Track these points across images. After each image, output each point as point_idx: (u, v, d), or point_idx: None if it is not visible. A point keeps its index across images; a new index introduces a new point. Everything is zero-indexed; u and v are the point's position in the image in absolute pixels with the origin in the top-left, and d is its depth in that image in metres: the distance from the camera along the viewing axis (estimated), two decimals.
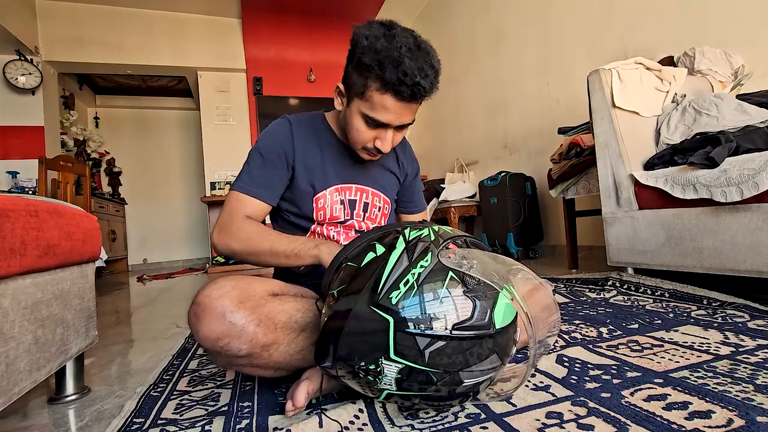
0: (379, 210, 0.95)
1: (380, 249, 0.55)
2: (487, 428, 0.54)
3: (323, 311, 0.57)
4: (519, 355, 0.82)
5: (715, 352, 0.75)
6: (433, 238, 0.55)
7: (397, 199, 1.05)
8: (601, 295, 1.34)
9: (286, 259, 0.75)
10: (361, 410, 0.61)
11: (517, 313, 0.56)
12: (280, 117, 0.90)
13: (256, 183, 0.84)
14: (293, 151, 0.86)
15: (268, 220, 0.95)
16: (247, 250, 0.78)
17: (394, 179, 1.00)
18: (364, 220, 0.92)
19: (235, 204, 0.82)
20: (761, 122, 1.31)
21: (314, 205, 0.88)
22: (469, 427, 0.55)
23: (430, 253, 0.52)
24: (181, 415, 0.68)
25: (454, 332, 0.48)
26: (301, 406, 0.62)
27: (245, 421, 0.63)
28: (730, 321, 0.93)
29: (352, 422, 0.58)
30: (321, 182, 0.88)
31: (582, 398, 0.60)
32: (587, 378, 0.67)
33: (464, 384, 0.52)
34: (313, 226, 0.89)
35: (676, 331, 0.89)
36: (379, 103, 0.73)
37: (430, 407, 0.60)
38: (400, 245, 0.53)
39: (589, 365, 0.73)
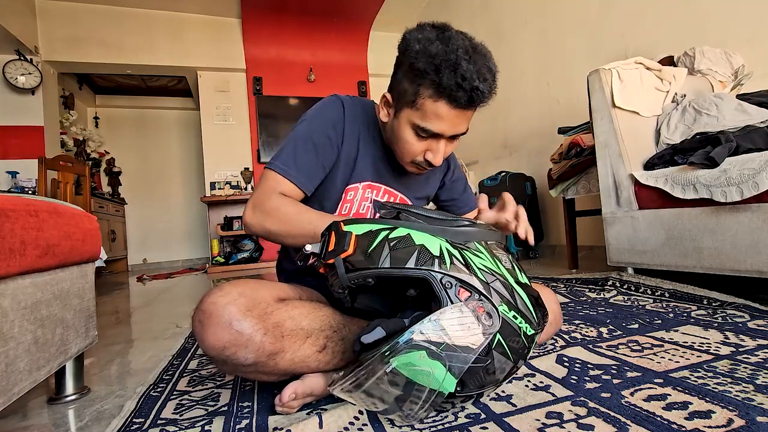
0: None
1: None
2: (487, 428, 0.54)
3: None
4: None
5: (715, 352, 0.75)
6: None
7: (442, 203, 1.01)
8: (601, 295, 1.34)
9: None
10: (361, 412, 0.61)
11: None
12: (332, 95, 0.85)
13: (298, 167, 0.77)
14: (343, 133, 0.81)
15: None
16: (286, 232, 0.73)
17: (427, 193, 0.95)
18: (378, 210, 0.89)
19: (271, 183, 0.77)
20: (761, 122, 1.31)
21: (344, 196, 0.84)
22: (469, 428, 0.55)
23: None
24: (181, 415, 0.68)
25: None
26: (286, 402, 0.61)
27: (245, 421, 0.63)
28: (730, 321, 0.93)
29: (352, 423, 0.58)
30: (357, 174, 0.83)
31: (582, 398, 0.60)
32: (587, 378, 0.67)
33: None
34: None
35: (676, 331, 0.89)
36: (432, 111, 0.68)
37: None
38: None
39: (589, 365, 0.73)
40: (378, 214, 0.60)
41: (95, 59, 4.25)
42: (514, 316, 0.52)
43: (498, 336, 0.50)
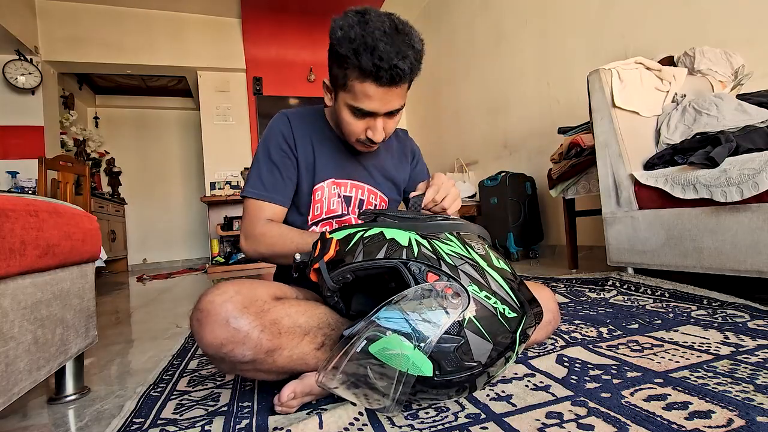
0: (375, 208, 0.95)
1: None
2: (487, 428, 0.54)
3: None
4: (519, 355, 0.82)
5: (715, 352, 0.75)
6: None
7: (405, 195, 1.05)
8: (601, 295, 1.34)
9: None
10: (361, 413, 0.61)
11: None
12: (277, 113, 0.91)
13: (269, 189, 0.85)
14: (294, 143, 0.88)
15: None
16: (275, 253, 0.82)
17: (392, 175, 0.99)
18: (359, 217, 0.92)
19: (254, 211, 0.85)
20: (761, 122, 1.31)
21: (312, 197, 0.89)
22: (469, 428, 0.55)
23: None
24: (180, 415, 0.68)
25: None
26: (284, 401, 0.62)
27: (245, 421, 0.63)
28: (730, 321, 0.93)
29: (352, 423, 0.58)
30: (319, 175, 0.89)
31: (582, 398, 0.60)
32: (587, 378, 0.67)
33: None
34: (307, 228, 0.90)
35: (676, 331, 0.89)
36: (361, 92, 0.72)
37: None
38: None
39: (589, 365, 0.73)
40: (360, 220, 0.66)
41: (95, 59, 4.26)
42: (486, 296, 0.53)
43: (470, 315, 0.50)
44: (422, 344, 0.48)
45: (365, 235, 0.58)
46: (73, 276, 0.82)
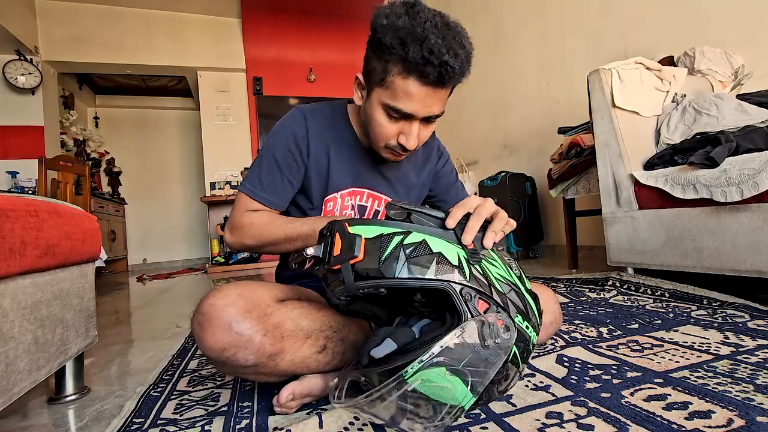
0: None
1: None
2: (487, 428, 0.54)
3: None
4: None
5: (715, 352, 0.75)
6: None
7: (432, 201, 0.98)
8: (601, 295, 1.34)
9: (304, 241, 0.72)
10: None
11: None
12: (294, 109, 0.83)
13: (265, 188, 0.79)
14: (308, 147, 0.80)
15: None
16: (262, 242, 0.76)
17: (414, 183, 0.91)
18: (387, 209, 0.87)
19: (243, 204, 0.80)
20: (761, 122, 1.31)
21: (323, 207, 0.83)
22: (469, 428, 0.55)
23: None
24: (180, 415, 0.68)
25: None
26: (283, 402, 0.61)
27: (245, 421, 0.63)
28: (730, 321, 0.93)
29: (352, 423, 0.58)
30: (333, 184, 0.82)
31: (582, 398, 0.60)
32: (587, 378, 0.67)
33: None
34: None
35: (676, 331, 0.89)
36: (402, 89, 0.65)
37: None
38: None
39: (589, 365, 0.73)
40: (387, 215, 0.55)
41: (95, 59, 4.26)
42: (526, 327, 0.51)
43: (514, 348, 0.48)
44: (476, 382, 0.45)
45: (406, 242, 0.49)
46: (73, 276, 0.82)
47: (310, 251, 0.53)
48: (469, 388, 0.45)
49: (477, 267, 0.50)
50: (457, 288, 0.47)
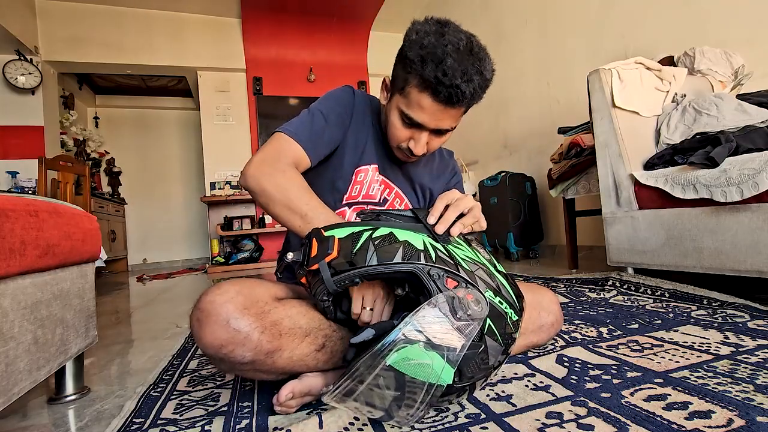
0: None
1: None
2: (487, 428, 0.54)
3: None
4: (520, 356, 0.82)
5: (715, 352, 0.75)
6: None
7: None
8: (601, 295, 1.34)
9: (296, 217, 0.68)
10: None
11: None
12: (345, 86, 0.88)
13: (309, 135, 0.78)
14: (351, 116, 0.85)
15: None
16: (280, 200, 0.70)
17: (426, 188, 0.95)
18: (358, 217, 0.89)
19: (284, 144, 0.76)
20: (761, 122, 1.31)
21: (354, 177, 0.85)
22: (469, 428, 0.55)
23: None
24: (180, 415, 0.68)
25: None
26: (283, 401, 0.61)
27: (245, 421, 0.63)
28: (730, 321, 0.93)
29: (352, 423, 0.58)
30: (366, 157, 0.86)
31: (582, 398, 0.60)
32: (587, 378, 0.67)
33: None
34: (340, 210, 0.85)
35: (676, 331, 0.89)
36: (416, 101, 0.70)
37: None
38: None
39: (589, 365, 0.73)
40: (358, 219, 0.62)
41: (95, 59, 4.25)
42: (500, 302, 0.53)
43: (488, 321, 0.51)
44: (452, 354, 0.47)
45: (375, 236, 0.54)
46: (73, 276, 0.82)
47: (290, 256, 0.58)
48: (446, 360, 0.47)
49: (442, 249, 0.53)
50: (424, 268, 0.51)
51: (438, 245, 0.55)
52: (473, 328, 0.48)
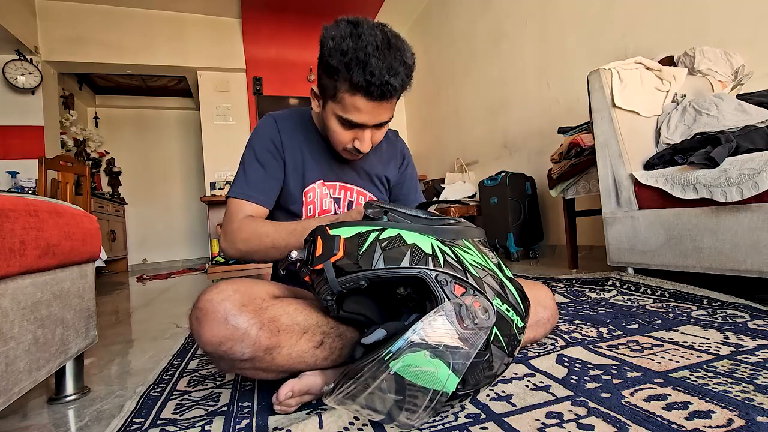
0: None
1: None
2: (487, 428, 0.54)
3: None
4: (519, 355, 0.82)
5: (715, 352, 0.75)
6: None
7: (392, 197, 1.05)
8: (601, 295, 1.34)
9: (285, 250, 0.75)
10: None
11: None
12: (264, 116, 0.92)
13: (252, 187, 0.85)
14: (281, 144, 0.88)
15: None
16: (252, 249, 0.79)
17: (381, 176, 0.99)
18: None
19: (234, 208, 0.84)
20: (761, 122, 1.31)
21: (303, 199, 0.89)
22: (469, 428, 0.55)
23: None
24: (180, 415, 0.68)
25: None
26: (282, 400, 0.62)
27: (245, 421, 0.63)
28: (730, 321, 0.93)
29: (352, 423, 0.58)
30: (310, 176, 0.89)
31: (582, 398, 0.60)
32: (587, 378, 0.67)
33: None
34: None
35: (676, 331, 0.89)
36: (351, 104, 0.73)
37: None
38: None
39: (589, 365, 0.73)
40: (365, 213, 0.61)
41: (95, 59, 4.25)
42: (506, 309, 0.53)
43: (494, 329, 0.50)
44: (458, 363, 0.46)
45: (382, 237, 0.53)
46: (73, 276, 0.82)
47: (294, 254, 0.58)
48: (451, 369, 0.46)
49: (451, 254, 0.52)
50: (431, 274, 0.50)
51: (446, 249, 0.53)
52: (479, 336, 0.47)
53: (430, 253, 0.52)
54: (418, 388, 0.47)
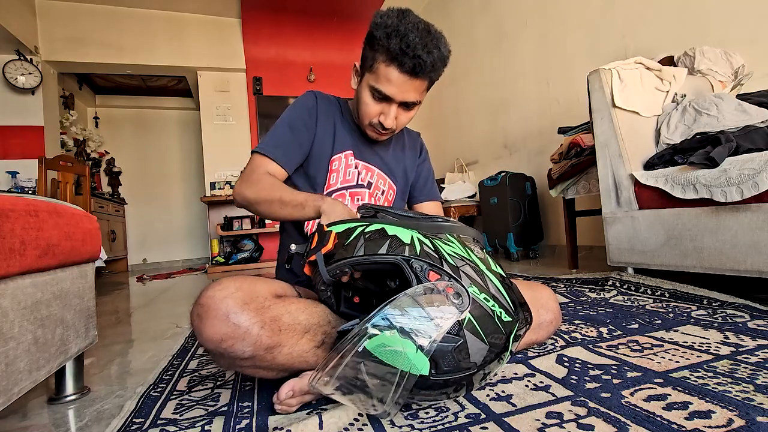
0: (382, 193, 0.98)
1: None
2: (487, 428, 0.54)
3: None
4: (519, 355, 0.82)
5: (715, 352, 0.75)
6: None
7: (410, 193, 1.10)
8: (601, 295, 1.34)
9: (293, 209, 0.80)
10: (361, 413, 0.61)
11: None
12: (306, 91, 0.98)
13: (276, 147, 0.89)
14: (316, 116, 0.93)
15: None
16: (259, 198, 0.83)
17: (403, 168, 1.03)
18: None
19: (258, 161, 0.88)
20: (761, 122, 1.31)
21: (329, 166, 0.93)
22: (469, 428, 0.55)
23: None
24: (180, 415, 0.68)
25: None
26: (283, 399, 0.62)
27: (245, 421, 0.63)
28: (730, 321, 0.93)
29: (352, 424, 0.58)
30: (338, 146, 0.94)
31: (582, 398, 0.60)
32: (587, 378, 0.67)
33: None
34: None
35: (676, 331, 0.89)
36: (384, 75, 0.78)
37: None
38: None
39: (589, 365, 0.73)
40: (359, 214, 0.67)
41: (95, 59, 4.25)
42: (485, 299, 0.53)
43: (469, 316, 0.51)
44: (424, 343, 0.47)
45: (366, 230, 0.58)
46: (73, 276, 0.82)
47: (293, 247, 0.68)
48: (417, 348, 0.48)
49: (429, 245, 0.55)
50: (406, 260, 0.54)
51: (425, 240, 0.56)
52: (449, 319, 0.49)
53: (408, 242, 0.56)
54: (390, 369, 0.48)
